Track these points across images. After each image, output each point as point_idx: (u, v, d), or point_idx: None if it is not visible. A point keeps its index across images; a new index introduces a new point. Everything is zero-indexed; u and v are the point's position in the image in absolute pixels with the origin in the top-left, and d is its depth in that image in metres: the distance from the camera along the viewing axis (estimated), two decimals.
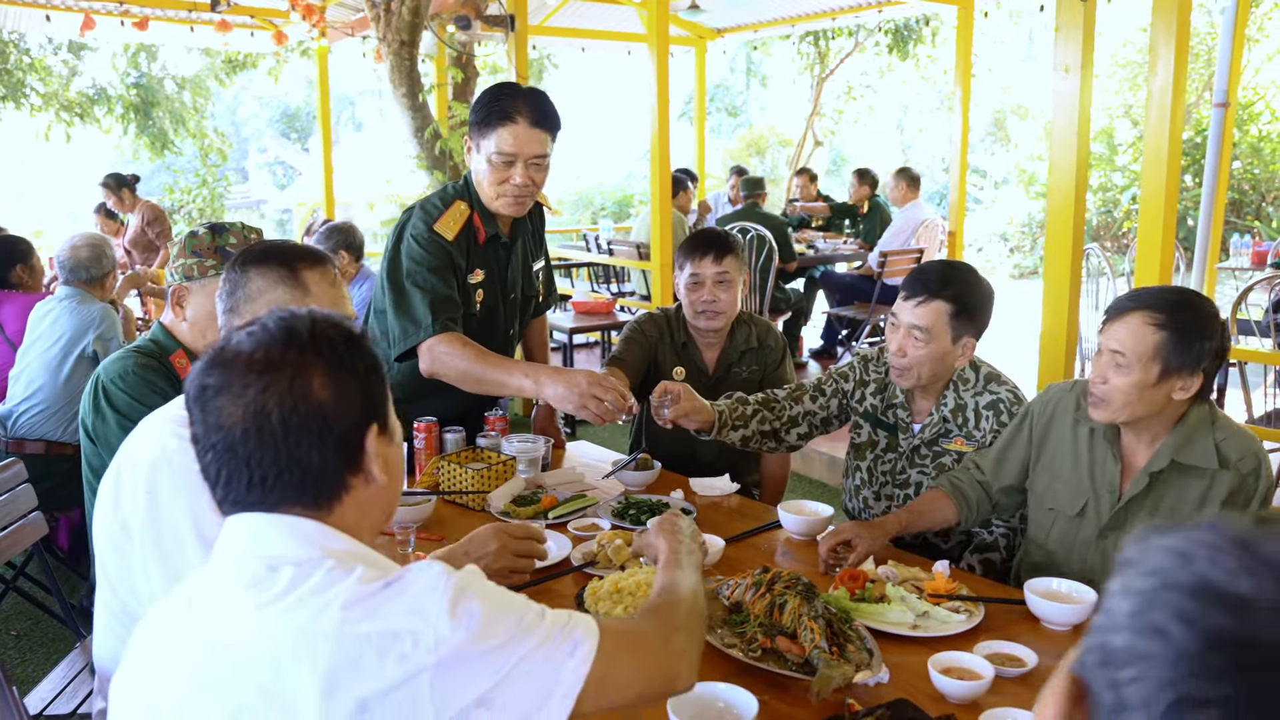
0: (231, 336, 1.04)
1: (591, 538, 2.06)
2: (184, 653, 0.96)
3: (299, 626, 0.90)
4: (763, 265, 6.24)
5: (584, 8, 8.18)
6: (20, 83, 11.17)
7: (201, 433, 1.02)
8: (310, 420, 0.99)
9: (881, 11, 8.40)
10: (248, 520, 1.01)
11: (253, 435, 0.98)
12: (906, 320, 2.20)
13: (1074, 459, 2.01)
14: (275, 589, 0.94)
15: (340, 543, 1.01)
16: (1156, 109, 3.03)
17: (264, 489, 1.00)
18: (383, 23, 5.87)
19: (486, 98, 2.37)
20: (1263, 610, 0.45)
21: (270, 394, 0.98)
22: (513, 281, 2.61)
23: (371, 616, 0.91)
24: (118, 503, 1.52)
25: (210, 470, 1.02)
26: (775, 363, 2.78)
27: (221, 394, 1.00)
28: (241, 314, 1.57)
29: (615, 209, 15.78)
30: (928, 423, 2.32)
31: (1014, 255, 13.82)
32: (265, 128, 21.61)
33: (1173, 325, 1.77)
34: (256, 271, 1.59)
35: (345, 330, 1.06)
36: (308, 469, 1.00)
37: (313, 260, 1.64)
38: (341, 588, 0.93)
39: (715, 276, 2.63)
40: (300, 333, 1.02)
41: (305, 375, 1.00)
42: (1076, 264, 3.27)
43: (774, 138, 18.00)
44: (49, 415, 3.43)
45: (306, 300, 1.57)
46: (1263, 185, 11.92)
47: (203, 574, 1.03)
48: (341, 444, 1.02)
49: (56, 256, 3.77)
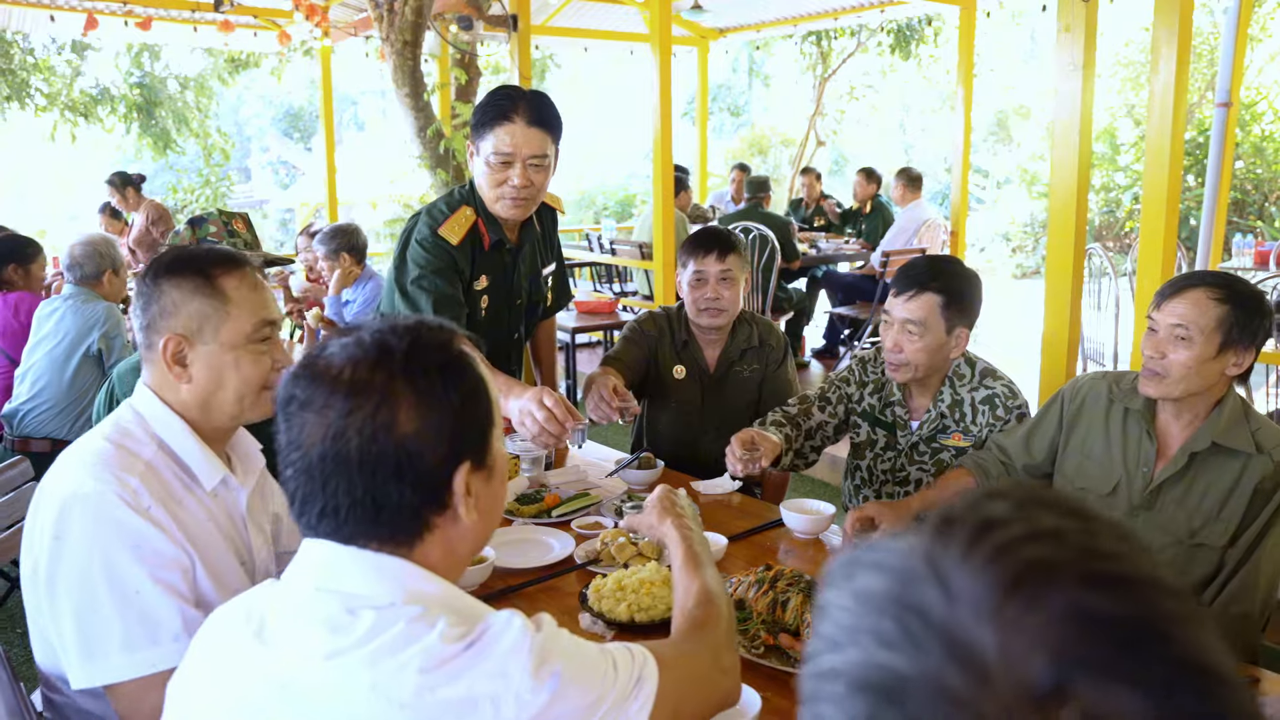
0: (327, 345, 0.97)
1: (595, 536, 2.07)
2: (245, 683, 0.92)
3: (374, 685, 0.85)
4: (765, 265, 6.24)
5: (586, 8, 8.19)
6: (24, 83, 11.19)
7: (284, 446, 0.96)
8: (391, 454, 0.92)
9: (884, 11, 8.40)
10: (328, 549, 0.95)
11: (330, 460, 0.92)
12: (900, 315, 2.25)
13: (1106, 439, 2.04)
14: (351, 637, 0.88)
15: (425, 584, 0.94)
16: (1159, 109, 3.03)
17: (337, 520, 0.93)
18: (386, 23, 5.89)
19: (486, 100, 2.36)
20: (921, 690, 0.40)
21: (352, 419, 0.91)
22: (518, 288, 2.59)
23: (452, 681, 0.86)
24: (29, 540, 1.38)
25: (289, 487, 0.96)
26: (777, 362, 2.79)
27: (306, 409, 0.93)
28: (160, 330, 1.43)
29: (618, 209, 15.78)
30: (925, 419, 2.35)
31: (1016, 255, 13.81)
32: (268, 127, 21.62)
33: (1234, 300, 1.83)
34: (170, 283, 1.43)
35: (447, 353, 0.97)
36: (384, 504, 0.93)
37: (230, 264, 1.49)
38: (421, 646, 0.87)
39: (719, 274, 2.64)
40: (395, 353, 0.94)
41: (392, 403, 0.92)
42: (1079, 264, 3.27)
43: (776, 137, 17.99)
44: (55, 413, 3.44)
45: (228, 309, 1.44)
46: (1265, 185, 11.90)
47: (272, 596, 0.97)
48: (425, 481, 0.94)
49: (61, 257, 3.79)
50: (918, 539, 0.44)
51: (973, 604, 0.41)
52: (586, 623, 1.71)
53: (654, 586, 1.73)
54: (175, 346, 1.43)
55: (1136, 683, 0.39)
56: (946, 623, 0.41)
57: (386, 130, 16.99)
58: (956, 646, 0.40)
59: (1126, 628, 0.40)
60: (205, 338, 1.44)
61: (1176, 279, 1.94)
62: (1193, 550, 1.92)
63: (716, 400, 2.77)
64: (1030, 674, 0.39)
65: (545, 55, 12.18)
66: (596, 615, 1.71)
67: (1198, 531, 1.91)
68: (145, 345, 1.47)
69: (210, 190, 11.42)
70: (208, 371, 1.44)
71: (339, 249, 4.54)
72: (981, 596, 0.41)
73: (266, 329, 1.49)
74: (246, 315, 1.46)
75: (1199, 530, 1.91)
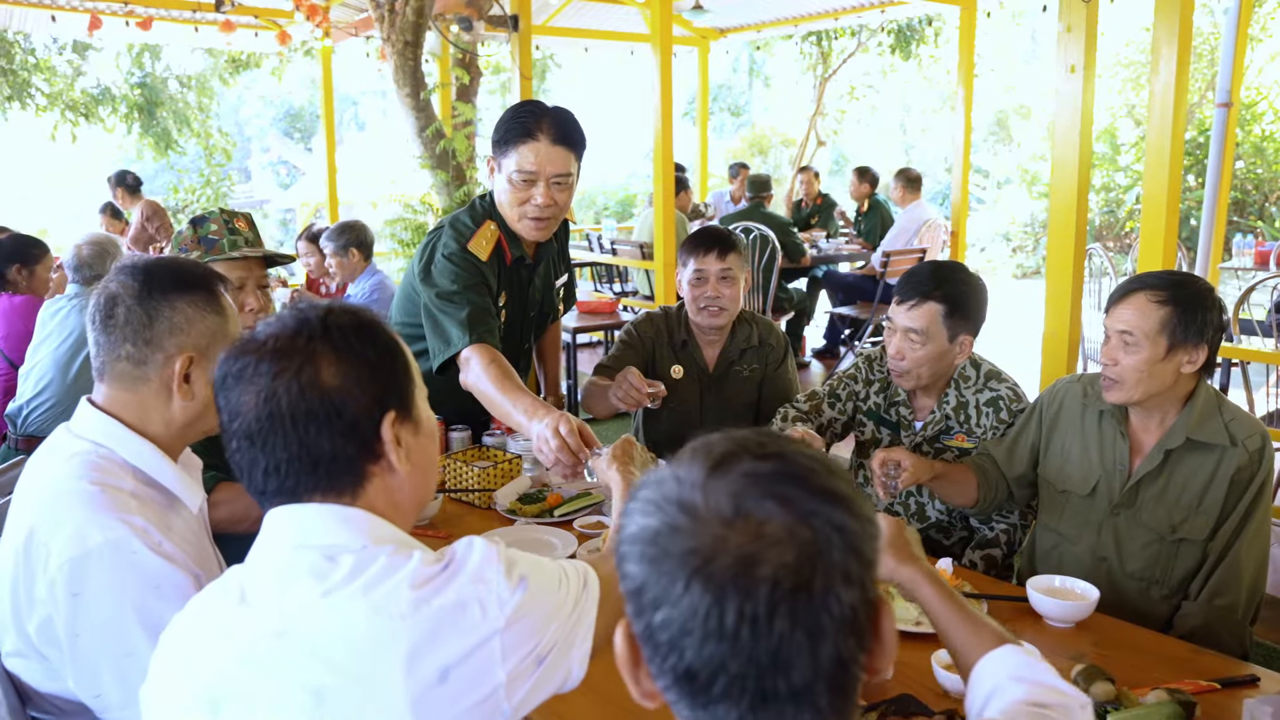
0: (256, 328, 1.06)
1: (597, 535, 2.08)
2: (233, 647, 0.97)
3: (373, 608, 0.93)
4: (765, 265, 6.25)
5: (587, 8, 8.19)
6: (26, 83, 11.19)
7: (225, 421, 1.03)
8: (319, 406, 1.00)
9: (884, 12, 8.41)
10: (291, 511, 1.02)
11: (264, 421, 1.00)
12: (902, 324, 2.24)
13: (1084, 441, 2.07)
14: (338, 576, 0.96)
15: (386, 530, 1.03)
16: (1159, 109, 3.04)
17: (280, 476, 1.01)
18: (386, 23, 5.89)
19: (509, 115, 2.30)
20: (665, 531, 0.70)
21: (280, 380, 1.00)
22: (533, 301, 2.59)
23: (441, 591, 0.95)
24: (17, 609, 1.30)
25: (234, 459, 1.03)
26: (777, 361, 2.79)
27: (240, 381, 1.01)
28: (166, 348, 1.39)
29: (618, 209, 15.78)
30: (929, 420, 2.36)
31: (1016, 255, 13.81)
32: (268, 127, 21.62)
33: (1175, 300, 1.86)
34: (184, 299, 1.41)
35: (359, 317, 1.07)
36: (319, 456, 1.01)
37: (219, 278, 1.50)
38: (408, 570, 0.96)
39: (719, 273, 2.64)
40: (312, 320, 1.04)
41: (314, 361, 1.01)
42: (1079, 264, 3.27)
43: (777, 137, 17.99)
44: (58, 413, 3.44)
45: (227, 326, 1.45)
46: (1265, 185, 11.90)
47: (248, 567, 1.03)
48: (353, 430, 1.02)
49: (65, 257, 3.79)
50: (670, 463, 0.75)
51: (691, 482, 0.71)
52: None
53: None
54: (187, 365, 1.40)
55: (785, 501, 0.68)
56: (677, 494, 0.71)
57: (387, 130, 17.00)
58: (682, 504, 0.70)
59: (777, 476, 0.70)
60: (211, 355, 1.42)
61: (1122, 284, 1.97)
62: (1175, 545, 1.94)
63: (715, 400, 2.77)
64: (721, 507, 0.68)
65: (546, 55, 12.19)
66: None
67: (1179, 526, 1.93)
68: (134, 360, 1.39)
69: (211, 190, 11.41)
70: (210, 388, 1.39)
71: (347, 244, 4.61)
72: (696, 477, 0.71)
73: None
74: (235, 328, 1.48)
75: (1180, 525, 1.93)
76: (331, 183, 8.47)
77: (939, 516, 2.42)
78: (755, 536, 0.66)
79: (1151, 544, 1.96)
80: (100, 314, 1.40)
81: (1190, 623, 1.88)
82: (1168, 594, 1.96)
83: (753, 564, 0.66)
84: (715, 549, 0.67)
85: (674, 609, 0.67)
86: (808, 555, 0.66)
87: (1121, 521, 2.00)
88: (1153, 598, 1.98)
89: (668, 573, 0.68)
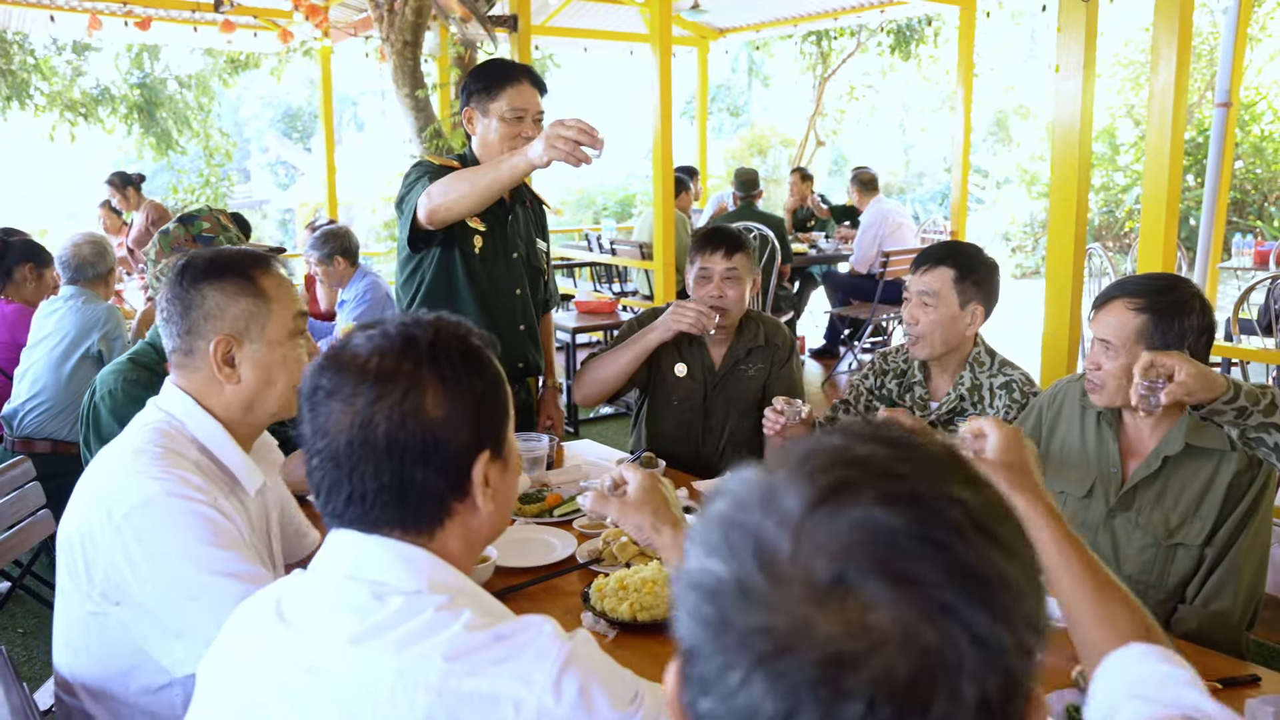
0: (352, 338, 1.00)
1: (597, 535, 2.08)
2: (272, 668, 0.94)
3: (400, 670, 0.88)
4: (765, 264, 6.25)
5: (586, 8, 8.19)
6: (25, 83, 11.18)
7: (309, 435, 0.98)
8: (418, 438, 0.95)
9: (884, 12, 8.40)
10: (355, 538, 0.97)
11: (357, 447, 0.94)
12: (915, 289, 2.38)
13: (1081, 442, 2.08)
14: (377, 618, 0.91)
15: (448, 576, 0.97)
16: (1158, 109, 3.04)
17: (364, 505, 0.96)
18: (386, 23, 5.89)
19: (485, 68, 2.63)
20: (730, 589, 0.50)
21: (380, 405, 0.94)
22: (513, 240, 2.70)
23: (475, 674, 0.88)
24: (89, 565, 1.35)
25: (314, 476, 0.98)
26: (782, 361, 2.79)
27: (332, 398, 0.96)
28: (204, 334, 1.46)
29: (617, 209, 15.77)
30: (945, 400, 2.43)
31: (1016, 255, 13.82)
32: (267, 127, 21.61)
33: (1152, 308, 1.85)
34: (212, 287, 1.47)
35: (468, 343, 1.01)
36: (409, 489, 0.96)
37: (263, 262, 1.55)
38: (448, 635, 0.89)
39: (724, 272, 2.65)
40: (419, 343, 0.97)
41: (418, 389, 0.95)
42: (1079, 264, 3.27)
43: (776, 138, 17.98)
44: (54, 414, 3.44)
45: (270, 306, 1.49)
46: (1265, 185, 11.91)
47: (300, 584, 0.99)
48: (449, 467, 0.97)
49: (58, 256, 3.76)
50: (765, 470, 0.54)
51: (782, 516, 0.49)
52: (589, 621, 1.71)
53: (656, 585, 1.74)
54: (225, 347, 1.47)
55: (906, 583, 0.47)
56: (757, 532, 0.50)
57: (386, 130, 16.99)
58: (761, 551, 0.49)
59: (905, 536, 0.48)
60: (252, 336, 1.48)
61: (1105, 290, 1.97)
62: (1171, 550, 1.93)
63: (719, 399, 2.77)
64: (815, 572, 0.47)
65: (545, 55, 12.18)
66: (599, 614, 1.71)
67: (1175, 531, 1.92)
68: (183, 350, 1.48)
69: (210, 190, 11.42)
70: (256, 370, 1.48)
71: (332, 253, 4.65)
72: (792, 510, 0.50)
73: (301, 319, 1.55)
74: (285, 309, 1.51)
75: (1176, 530, 1.92)
76: (331, 183, 8.47)
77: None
78: (855, 628, 0.46)
79: (1148, 548, 1.96)
80: (158, 310, 1.53)
81: (1184, 626, 1.87)
82: (1164, 598, 1.95)
83: (844, 668, 0.46)
84: (795, 636, 0.47)
85: (724, 703, 0.49)
86: (926, 671, 0.46)
87: (1118, 524, 1.99)
88: (1148, 601, 1.97)
89: (725, 650, 0.49)
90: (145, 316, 4.04)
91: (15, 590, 3.10)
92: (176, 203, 10.96)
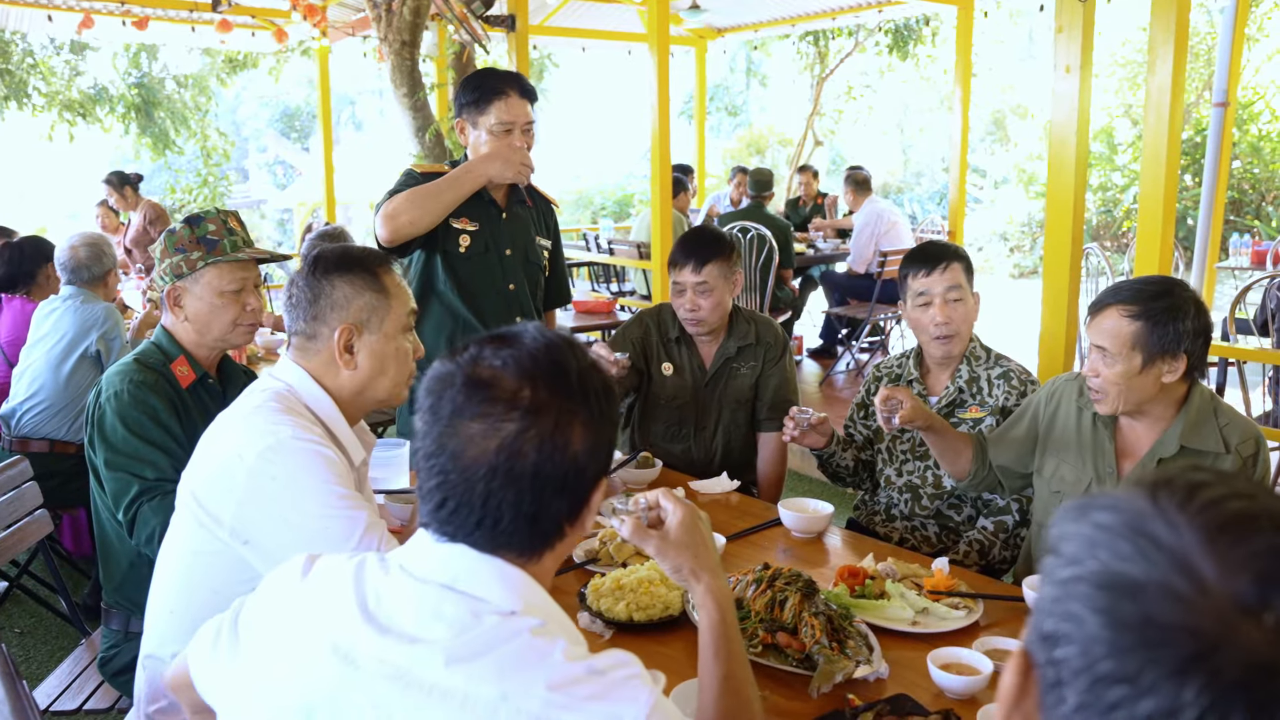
0: (481, 353, 0.98)
1: (594, 535, 2.08)
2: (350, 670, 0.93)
3: (504, 694, 0.89)
4: (763, 265, 6.24)
5: (584, 7, 8.19)
6: (23, 83, 11.17)
7: (434, 450, 0.96)
8: (561, 470, 0.95)
9: (881, 11, 8.41)
10: (464, 554, 0.97)
11: (500, 475, 0.94)
12: (941, 288, 2.37)
13: (1078, 442, 2.08)
14: (472, 637, 0.91)
15: (538, 597, 0.98)
16: (1156, 108, 3.04)
17: (494, 530, 0.96)
18: (384, 23, 5.89)
19: (475, 80, 2.67)
20: (1154, 591, 0.51)
21: (529, 436, 0.94)
22: (508, 237, 2.74)
23: (571, 708, 0.89)
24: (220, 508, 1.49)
25: (435, 493, 0.97)
26: (774, 359, 2.80)
27: (476, 421, 0.94)
28: (329, 321, 1.60)
29: (615, 209, 15.78)
30: (944, 394, 2.44)
31: (1014, 255, 13.83)
32: (265, 127, 21.59)
33: (1146, 314, 1.85)
34: (342, 279, 1.60)
35: (605, 378, 1.03)
36: (541, 517, 0.97)
37: (386, 262, 1.68)
38: (549, 664, 0.91)
39: (695, 285, 2.67)
40: (570, 376, 0.98)
41: (569, 424, 0.96)
42: (1076, 263, 3.27)
43: (774, 137, 18.00)
44: (51, 414, 3.44)
45: (390, 302, 1.62)
46: (1262, 185, 11.92)
47: (387, 584, 0.98)
48: (581, 496, 0.99)
49: (56, 258, 3.75)
50: (1138, 493, 0.57)
51: (1192, 538, 0.52)
52: (585, 621, 1.72)
53: (653, 586, 1.74)
54: (347, 336, 1.60)
55: None
56: (1174, 547, 0.52)
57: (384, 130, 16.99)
58: (1181, 564, 0.52)
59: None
60: (372, 328, 1.62)
61: (1099, 296, 1.96)
62: None
63: (710, 397, 2.78)
64: (1239, 589, 0.51)
65: (543, 55, 12.17)
66: (595, 614, 1.71)
67: None
68: (306, 334, 1.62)
69: (208, 190, 11.41)
70: (372, 359, 1.62)
71: None
72: (1198, 535, 0.53)
73: (412, 317, 1.69)
74: (402, 306, 1.65)
75: None
76: (329, 182, 8.46)
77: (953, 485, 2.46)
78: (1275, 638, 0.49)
79: None
80: (285, 295, 1.66)
81: None
82: None
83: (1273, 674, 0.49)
84: (1223, 638, 0.49)
85: (1140, 701, 0.50)
86: None
87: None
88: None
89: (1143, 644, 0.50)
90: (147, 319, 4.01)
91: (13, 590, 3.10)
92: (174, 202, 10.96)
